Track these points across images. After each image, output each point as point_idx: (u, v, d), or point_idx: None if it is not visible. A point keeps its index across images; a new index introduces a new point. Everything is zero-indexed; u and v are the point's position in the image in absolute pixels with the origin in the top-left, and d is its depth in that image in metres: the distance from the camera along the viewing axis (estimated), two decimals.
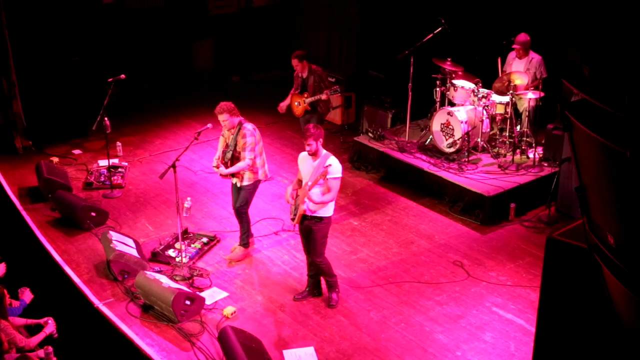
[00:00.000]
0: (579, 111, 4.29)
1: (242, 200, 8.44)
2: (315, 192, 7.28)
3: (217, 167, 8.27)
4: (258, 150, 8.25)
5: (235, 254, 8.71)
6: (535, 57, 10.30)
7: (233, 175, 8.31)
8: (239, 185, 8.38)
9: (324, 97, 9.80)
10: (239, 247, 8.74)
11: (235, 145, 8.17)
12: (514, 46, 10.33)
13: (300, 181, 7.54)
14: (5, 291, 6.94)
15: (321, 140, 7.30)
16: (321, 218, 7.42)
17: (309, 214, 7.38)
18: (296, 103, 10.07)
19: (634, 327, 4.29)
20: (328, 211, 7.45)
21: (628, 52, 4.08)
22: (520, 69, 10.29)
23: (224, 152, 8.27)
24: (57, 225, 9.42)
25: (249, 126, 8.20)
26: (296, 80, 10.10)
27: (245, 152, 8.12)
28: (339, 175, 7.31)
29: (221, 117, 8.11)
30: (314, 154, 7.32)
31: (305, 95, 9.89)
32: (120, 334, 7.40)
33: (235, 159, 8.21)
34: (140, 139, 12.09)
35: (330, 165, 7.20)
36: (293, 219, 7.52)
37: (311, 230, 7.47)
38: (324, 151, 7.37)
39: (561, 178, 9.38)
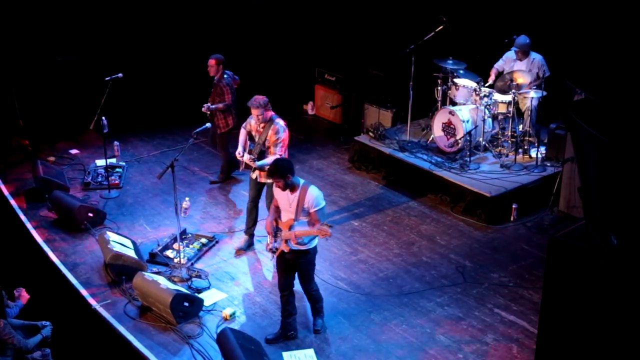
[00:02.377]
0: (582, 111, 4.25)
1: (271, 197, 8.31)
2: (302, 224, 6.84)
3: (242, 155, 8.21)
4: (285, 147, 8.29)
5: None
6: (536, 57, 10.23)
7: (254, 168, 8.28)
8: (259, 180, 8.37)
9: (203, 110, 9.64)
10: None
11: (265, 139, 8.13)
12: (514, 49, 10.26)
13: (278, 208, 7.03)
14: (4, 292, 6.89)
15: (289, 176, 6.72)
16: (307, 251, 6.94)
17: (294, 248, 6.90)
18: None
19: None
20: (313, 242, 6.98)
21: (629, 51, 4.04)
22: (523, 69, 10.21)
23: (248, 145, 8.27)
24: (54, 226, 9.34)
25: (281, 122, 8.22)
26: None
27: (276, 147, 8.12)
28: (323, 204, 6.85)
29: (255, 111, 8.09)
30: (290, 189, 6.82)
31: (208, 101, 9.76)
32: (118, 335, 7.33)
33: (263, 153, 8.19)
34: (138, 139, 12.01)
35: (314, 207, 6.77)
36: (273, 251, 7.01)
37: (297, 263, 6.99)
38: (302, 182, 6.85)
39: (564, 178, 9.31)
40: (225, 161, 10.33)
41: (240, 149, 8.33)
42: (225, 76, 9.75)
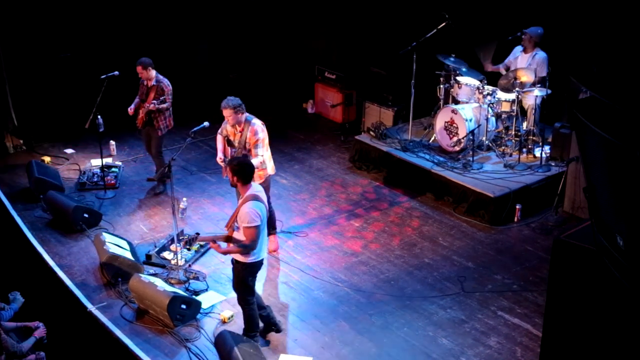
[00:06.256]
0: (587, 109, 4.21)
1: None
2: (236, 235, 6.63)
3: (224, 161, 8.11)
4: (266, 146, 8.17)
5: (272, 244, 8.65)
6: (539, 54, 10.06)
7: None
8: None
9: (151, 107, 9.53)
10: (272, 237, 8.68)
11: (245, 142, 8.01)
12: (523, 35, 10.05)
13: None
14: None
15: (235, 178, 6.58)
16: (236, 260, 6.77)
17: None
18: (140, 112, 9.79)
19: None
20: (242, 257, 6.69)
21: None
22: (523, 64, 10.08)
23: (228, 150, 8.14)
24: (49, 227, 9.27)
25: (258, 122, 8.09)
26: (141, 88, 9.82)
27: (257, 149, 8.00)
28: (253, 224, 6.42)
29: (226, 112, 7.94)
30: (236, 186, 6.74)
31: (144, 106, 9.64)
32: (114, 338, 7.26)
33: (245, 157, 8.04)
34: (134, 138, 11.89)
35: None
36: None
37: (233, 267, 6.90)
38: (251, 188, 6.62)
39: (569, 178, 9.23)
40: (160, 164, 10.04)
41: (220, 154, 8.20)
42: (160, 77, 9.63)
